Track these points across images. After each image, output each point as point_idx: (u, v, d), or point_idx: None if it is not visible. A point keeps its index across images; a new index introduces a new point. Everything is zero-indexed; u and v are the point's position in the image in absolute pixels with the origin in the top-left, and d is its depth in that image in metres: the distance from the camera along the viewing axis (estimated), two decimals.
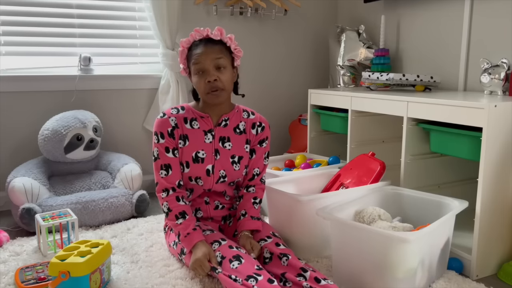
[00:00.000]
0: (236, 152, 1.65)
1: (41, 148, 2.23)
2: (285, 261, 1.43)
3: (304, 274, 1.36)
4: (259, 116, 1.71)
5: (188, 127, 1.62)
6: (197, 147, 1.61)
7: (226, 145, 1.64)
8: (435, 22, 2.32)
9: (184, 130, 1.61)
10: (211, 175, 1.63)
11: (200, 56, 1.54)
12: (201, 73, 1.55)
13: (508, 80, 1.82)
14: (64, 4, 2.43)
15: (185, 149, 1.61)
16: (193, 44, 1.59)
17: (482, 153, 1.54)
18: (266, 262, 1.47)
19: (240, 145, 1.66)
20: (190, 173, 1.62)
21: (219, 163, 1.63)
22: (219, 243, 1.48)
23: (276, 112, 3.02)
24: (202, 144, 1.62)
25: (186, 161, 1.61)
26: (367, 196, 1.75)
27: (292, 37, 2.99)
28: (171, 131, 1.59)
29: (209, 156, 1.62)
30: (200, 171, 1.61)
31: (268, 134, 1.71)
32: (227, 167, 1.64)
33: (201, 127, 1.63)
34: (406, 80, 2.09)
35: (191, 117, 1.63)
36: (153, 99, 2.66)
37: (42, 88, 2.41)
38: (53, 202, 2.03)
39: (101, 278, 1.45)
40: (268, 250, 1.49)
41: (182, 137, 1.61)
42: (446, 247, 1.57)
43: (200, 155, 1.61)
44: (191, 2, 2.66)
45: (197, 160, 1.61)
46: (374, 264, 1.41)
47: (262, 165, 1.72)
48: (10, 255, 1.76)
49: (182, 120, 1.62)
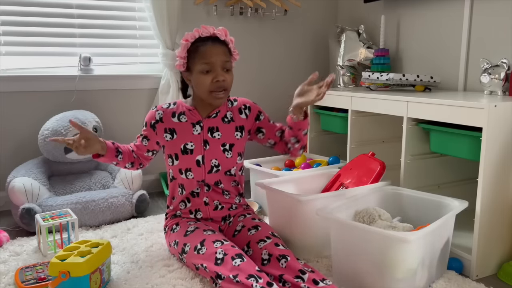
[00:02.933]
0: (227, 140, 1.68)
1: (41, 148, 2.24)
2: (283, 263, 1.42)
3: (302, 277, 1.36)
4: (241, 100, 1.74)
5: (176, 121, 1.66)
6: (185, 139, 1.65)
7: (215, 134, 1.67)
8: (435, 22, 2.32)
9: (170, 124, 1.66)
10: (201, 166, 1.65)
11: (210, 55, 1.55)
12: (208, 72, 1.56)
13: (508, 80, 1.82)
14: (64, 4, 2.43)
15: (173, 142, 1.65)
16: (199, 40, 1.59)
17: (482, 153, 1.54)
18: (265, 264, 1.46)
19: (230, 133, 1.69)
20: (180, 165, 1.65)
21: (210, 153, 1.66)
22: (222, 243, 1.47)
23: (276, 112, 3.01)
24: (190, 136, 1.65)
25: (175, 153, 1.65)
26: (367, 196, 1.75)
27: (292, 37, 3.00)
28: (153, 124, 1.67)
29: (198, 147, 1.65)
30: (189, 162, 1.65)
31: (258, 107, 1.76)
32: (218, 156, 1.67)
33: (189, 120, 1.67)
34: (406, 80, 2.09)
35: (180, 111, 1.68)
36: (153, 99, 2.66)
37: (42, 88, 2.41)
38: (53, 202, 2.03)
39: (101, 278, 1.45)
40: (267, 252, 1.48)
41: (169, 130, 1.66)
42: (446, 247, 1.57)
43: (189, 147, 1.65)
44: (191, 2, 2.66)
45: (186, 151, 1.65)
46: (374, 264, 1.41)
47: (276, 125, 1.78)
48: (10, 255, 1.76)
49: (170, 114, 1.67)
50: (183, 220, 1.69)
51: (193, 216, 1.71)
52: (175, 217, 1.73)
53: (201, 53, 1.56)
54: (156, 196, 2.60)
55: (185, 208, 1.71)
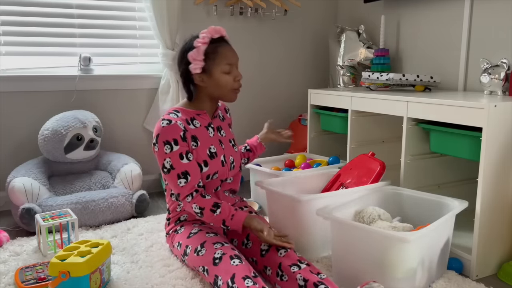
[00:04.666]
0: (229, 136, 1.76)
1: (41, 148, 2.24)
2: (282, 252, 1.46)
3: (299, 265, 1.40)
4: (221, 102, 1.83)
5: (193, 127, 1.62)
6: (207, 143, 1.65)
7: (222, 133, 1.73)
8: (435, 22, 2.32)
9: (191, 132, 1.61)
10: (225, 165, 1.68)
11: (232, 56, 1.60)
12: (230, 72, 1.60)
13: (508, 80, 1.82)
14: (64, 4, 2.43)
15: (199, 149, 1.61)
16: (213, 41, 1.58)
17: (482, 153, 1.54)
18: (263, 255, 1.50)
19: (228, 130, 1.78)
20: (209, 171, 1.62)
21: (227, 151, 1.71)
22: (222, 244, 1.48)
23: (276, 112, 3.02)
24: (209, 139, 1.66)
25: (204, 160, 1.61)
26: (367, 196, 1.75)
27: (292, 37, 3.00)
28: (184, 135, 1.56)
29: (218, 148, 1.68)
30: (217, 165, 1.65)
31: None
32: (232, 153, 1.73)
33: (202, 124, 1.66)
34: (406, 80, 2.09)
35: (190, 117, 1.64)
36: (153, 99, 2.66)
37: (42, 88, 2.41)
38: (53, 202, 2.03)
39: (101, 278, 1.45)
40: (265, 244, 1.52)
41: (193, 138, 1.61)
42: (446, 247, 1.57)
43: (213, 150, 1.65)
44: (191, 2, 2.66)
45: (212, 155, 1.64)
46: (374, 264, 1.41)
47: None
48: (10, 255, 1.76)
49: (186, 122, 1.61)
50: (188, 223, 1.69)
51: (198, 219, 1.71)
52: (180, 222, 1.71)
53: (221, 55, 1.58)
54: (156, 196, 2.60)
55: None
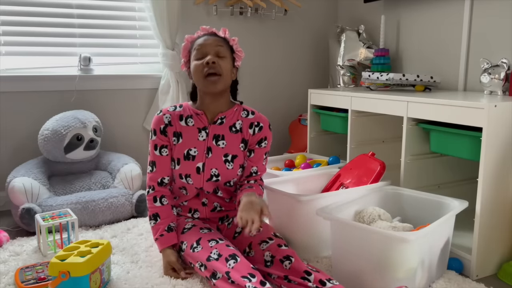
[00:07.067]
0: (230, 151, 1.63)
1: (41, 148, 2.23)
2: (287, 264, 1.41)
3: (308, 278, 1.35)
4: (258, 116, 1.68)
5: (183, 124, 1.63)
6: (189, 144, 1.62)
7: (220, 143, 1.63)
8: (435, 22, 2.32)
9: (177, 128, 1.63)
10: (201, 173, 1.63)
11: (202, 43, 1.59)
12: (201, 58, 1.57)
13: (508, 80, 1.82)
14: (64, 4, 2.43)
15: (177, 146, 1.63)
16: (197, 37, 1.63)
17: (482, 153, 1.54)
18: (268, 266, 1.45)
19: (235, 144, 1.64)
20: (181, 170, 1.63)
21: (211, 162, 1.62)
22: (216, 241, 1.48)
23: (276, 112, 3.02)
24: (195, 141, 1.63)
25: (178, 158, 1.63)
26: (367, 196, 1.75)
27: (292, 37, 2.99)
28: (163, 128, 1.62)
29: (201, 154, 1.62)
30: (190, 168, 1.62)
31: (268, 134, 1.67)
32: (219, 166, 1.63)
33: (196, 125, 1.64)
34: (406, 80, 2.09)
35: (187, 115, 1.64)
36: (153, 99, 2.66)
37: (42, 88, 2.41)
38: (53, 202, 2.03)
39: (101, 278, 1.45)
40: (269, 253, 1.47)
41: (176, 134, 1.63)
42: (446, 247, 1.57)
43: (192, 153, 1.62)
44: (191, 2, 2.66)
45: (188, 157, 1.62)
46: (374, 264, 1.41)
47: (262, 165, 1.70)
48: (10, 255, 1.76)
49: (177, 117, 1.64)
50: (181, 218, 1.70)
51: (190, 214, 1.71)
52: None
53: (196, 45, 1.60)
54: None
55: (184, 206, 1.72)
